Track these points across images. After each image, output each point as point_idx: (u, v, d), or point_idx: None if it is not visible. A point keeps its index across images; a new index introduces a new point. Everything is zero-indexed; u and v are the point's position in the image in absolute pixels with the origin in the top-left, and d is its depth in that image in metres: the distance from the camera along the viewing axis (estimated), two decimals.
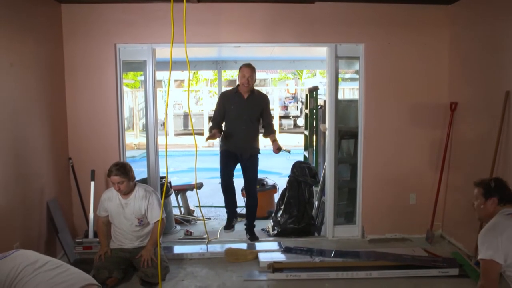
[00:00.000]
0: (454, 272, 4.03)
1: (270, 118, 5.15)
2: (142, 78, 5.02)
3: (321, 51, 5.61)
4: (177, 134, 18.01)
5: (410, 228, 5.07)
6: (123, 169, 3.88)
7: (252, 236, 5.13)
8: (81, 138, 4.83)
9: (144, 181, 5.02)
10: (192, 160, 4.48)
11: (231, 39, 4.85)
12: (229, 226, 5.26)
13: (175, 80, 20.79)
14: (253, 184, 5.19)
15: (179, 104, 19.63)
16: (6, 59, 3.65)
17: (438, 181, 4.96)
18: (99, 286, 2.47)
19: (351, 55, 5.01)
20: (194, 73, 20.96)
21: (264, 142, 5.23)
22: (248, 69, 4.76)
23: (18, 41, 3.84)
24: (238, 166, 5.13)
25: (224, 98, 5.01)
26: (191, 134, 17.16)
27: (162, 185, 5.34)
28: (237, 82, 4.97)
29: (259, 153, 5.10)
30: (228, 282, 3.99)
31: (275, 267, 4.12)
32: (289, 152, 5.64)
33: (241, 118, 4.86)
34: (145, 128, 5.06)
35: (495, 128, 4.01)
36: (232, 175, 5.12)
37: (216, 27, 4.77)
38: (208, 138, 4.97)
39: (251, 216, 5.24)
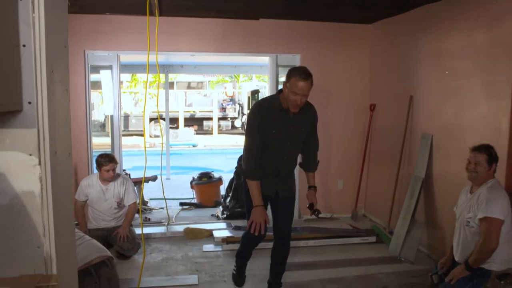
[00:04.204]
0: (372, 239, 5.06)
1: (316, 141, 3.56)
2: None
3: (260, 58, 6.45)
4: None
5: (339, 209, 6.03)
6: (112, 157, 4.59)
7: None
8: None
9: None
10: (135, 159, 5.03)
11: (187, 48, 5.59)
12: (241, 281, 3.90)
13: None
14: (287, 232, 3.61)
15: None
16: None
17: (360, 169, 5.97)
18: (111, 257, 3.19)
19: (289, 64, 5.85)
20: (133, 75, 21.26)
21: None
22: (305, 83, 3.05)
23: None
24: None
25: (263, 117, 3.23)
26: (131, 135, 17.59)
27: None
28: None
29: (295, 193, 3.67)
30: (189, 253, 4.75)
31: (228, 240, 4.93)
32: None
33: (283, 147, 3.31)
34: (110, 128, 5.69)
35: (402, 124, 5.04)
36: (266, 230, 3.34)
37: (175, 37, 5.48)
38: (258, 229, 3.16)
39: (280, 270, 3.72)
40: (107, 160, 4.51)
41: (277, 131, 3.22)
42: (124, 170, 6.21)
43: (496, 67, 3.69)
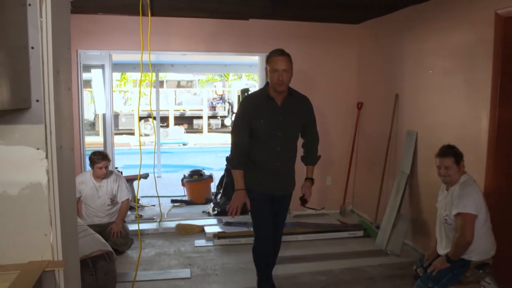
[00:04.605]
0: (359, 234, 5.21)
1: (315, 134, 3.58)
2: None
3: (249, 57, 6.55)
4: None
5: (327, 205, 6.13)
6: (105, 155, 4.68)
7: None
8: None
9: None
10: (125, 158, 5.13)
11: (179, 48, 5.69)
12: None
13: None
14: (281, 228, 3.67)
15: None
16: None
17: (348, 166, 6.12)
18: (111, 252, 3.31)
19: None
20: (122, 74, 21.28)
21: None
22: (281, 58, 3.16)
23: None
24: None
25: (251, 107, 3.30)
26: (121, 134, 17.62)
27: None
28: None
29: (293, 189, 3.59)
30: (182, 248, 4.86)
31: (219, 235, 5.05)
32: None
33: (274, 137, 3.27)
34: (102, 127, 5.77)
35: (388, 122, 5.19)
36: (273, 230, 3.47)
37: (167, 37, 5.58)
38: (234, 212, 3.23)
39: (271, 263, 3.68)
40: (100, 158, 4.60)
41: (266, 120, 3.23)
42: (116, 168, 6.29)
43: (476, 66, 3.84)
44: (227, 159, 3.43)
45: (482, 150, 3.74)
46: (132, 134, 17.93)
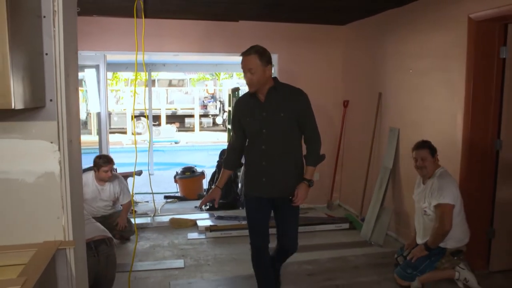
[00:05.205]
0: (345, 226, 5.46)
1: (313, 131, 3.30)
2: None
3: (240, 57, 6.75)
4: None
5: (315, 199, 6.37)
6: (110, 158, 4.84)
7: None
8: None
9: None
10: (118, 156, 5.29)
11: (172, 48, 5.90)
12: None
13: None
14: (290, 233, 3.30)
15: None
16: None
17: (335, 161, 6.36)
18: (111, 238, 3.55)
19: None
20: (114, 73, 21.39)
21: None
22: (244, 58, 3.07)
23: None
24: None
25: (239, 108, 3.29)
26: (113, 132, 17.74)
27: None
28: None
29: None
30: (175, 240, 5.08)
31: (211, 228, 5.27)
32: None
33: (259, 135, 3.12)
34: (98, 126, 5.96)
35: (372, 119, 5.43)
36: (268, 236, 3.27)
37: (160, 38, 5.77)
38: (202, 203, 3.43)
39: (281, 260, 3.53)
40: (106, 161, 4.75)
41: (251, 118, 3.14)
42: None
43: (451, 67, 4.09)
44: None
45: (457, 145, 3.99)
46: (124, 133, 18.05)
